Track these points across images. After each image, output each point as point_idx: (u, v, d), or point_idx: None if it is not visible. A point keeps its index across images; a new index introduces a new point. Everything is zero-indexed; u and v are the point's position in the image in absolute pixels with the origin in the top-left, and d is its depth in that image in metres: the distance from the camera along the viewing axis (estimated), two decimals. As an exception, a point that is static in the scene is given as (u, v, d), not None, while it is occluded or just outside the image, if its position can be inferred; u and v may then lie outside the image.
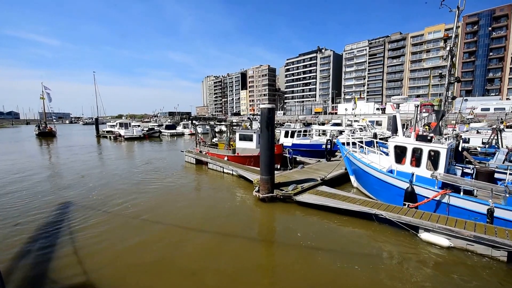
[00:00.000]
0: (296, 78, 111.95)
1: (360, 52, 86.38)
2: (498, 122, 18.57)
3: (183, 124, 56.29)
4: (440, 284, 5.70)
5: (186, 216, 9.92)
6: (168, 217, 9.68)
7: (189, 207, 11.00)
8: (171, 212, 10.32)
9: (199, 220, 9.44)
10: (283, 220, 9.56)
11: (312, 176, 12.78)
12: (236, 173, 15.28)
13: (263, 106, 10.61)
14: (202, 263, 6.68)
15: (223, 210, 10.54)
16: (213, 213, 10.24)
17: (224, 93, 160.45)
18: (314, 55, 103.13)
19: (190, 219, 9.56)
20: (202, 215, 10.02)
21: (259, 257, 7.28)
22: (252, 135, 17.27)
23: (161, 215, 9.85)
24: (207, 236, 8.30)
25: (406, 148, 9.66)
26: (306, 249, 7.33)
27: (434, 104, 47.44)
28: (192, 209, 10.71)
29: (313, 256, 6.95)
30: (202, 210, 10.62)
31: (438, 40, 66.87)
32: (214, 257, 6.98)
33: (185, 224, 9.19)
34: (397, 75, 77.24)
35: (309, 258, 6.87)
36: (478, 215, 7.44)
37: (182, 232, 8.58)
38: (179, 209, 10.62)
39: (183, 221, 9.36)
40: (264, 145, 10.71)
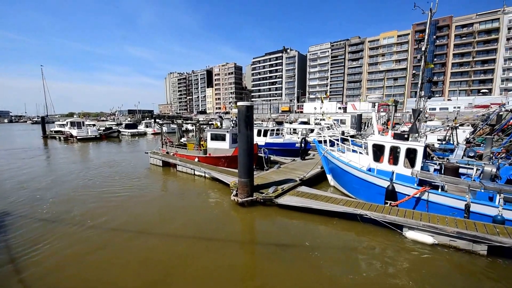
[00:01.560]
0: (263, 77, 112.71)
1: (323, 54, 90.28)
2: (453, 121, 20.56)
3: (145, 123, 52.26)
4: (427, 281, 5.68)
5: (157, 224, 8.74)
6: (137, 227, 8.42)
7: (160, 214, 9.76)
8: (140, 220, 9.01)
9: (172, 229, 8.38)
10: (265, 225, 8.91)
11: (290, 176, 12.37)
12: (209, 176, 14.18)
13: (241, 104, 9.78)
14: (177, 274, 5.97)
15: (198, 216, 9.52)
16: (187, 220, 9.20)
17: (189, 91, 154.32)
18: (280, 54, 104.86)
19: (162, 228, 8.46)
20: (175, 223, 8.92)
21: (241, 266, 6.60)
22: (225, 135, 16.29)
23: (129, 224, 8.56)
24: (182, 245, 7.36)
25: (384, 146, 9.73)
26: (291, 254, 6.88)
27: (389, 104, 51.58)
28: (164, 217, 9.50)
29: (299, 261, 6.52)
30: (175, 217, 9.48)
31: (391, 45, 73.22)
32: (190, 267, 6.23)
33: (156, 232, 8.13)
34: (356, 77, 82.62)
35: (295, 263, 6.43)
36: (455, 210, 7.68)
37: (153, 243, 7.49)
38: (149, 218, 9.34)
39: (154, 230, 8.26)
40: (243, 145, 9.90)
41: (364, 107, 52.34)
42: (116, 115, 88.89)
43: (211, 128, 19.55)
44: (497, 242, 6.19)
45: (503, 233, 6.35)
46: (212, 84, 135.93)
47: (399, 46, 72.59)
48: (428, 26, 9.55)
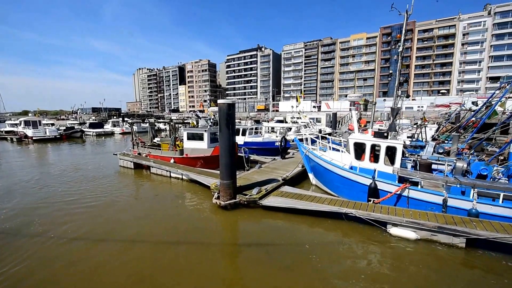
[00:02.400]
0: (238, 75, 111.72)
1: (297, 53, 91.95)
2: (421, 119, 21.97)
3: (113, 121, 48.68)
4: (412, 276, 5.83)
5: (133, 232, 7.94)
6: (110, 235, 7.60)
7: (136, 221, 8.93)
8: (114, 229, 8.18)
9: (149, 236, 7.71)
10: (250, 228, 8.49)
11: (272, 176, 12.11)
12: (187, 178, 13.39)
13: (222, 101, 9.24)
14: (156, 284, 5.49)
15: (178, 222, 8.86)
16: (166, 226, 8.51)
17: (160, 88, 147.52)
18: (254, 53, 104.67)
19: (138, 235, 7.72)
20: (152, 230, 8.20)
21: (226, 272, 6.25)
22: (202, 134, 15.53)
23: (101, 234, 7.70)
24: (160, 254, 6.69)
25: (365, 144, 9.87)
26: (279, 257, 6.60)
27: (361, 103, 54.13)
28: (140, 223, 8.69)
29: (287, 263, 6.28)
30: (152, 223, 8.72)
31: (361, 47, 76.96)
32: (170, 277, 5.76)
33: (132, 239, 7.39)
34: (329, 76, 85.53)
35: (284, 266, 6.19)
36: (433, 205, 7.99)
37: (128, 252, 6.79)
38: (123, 225, 8.50)
39: (130, 238, 7.51)
40: (225, 146, 9.39)
41: (337, 106, 54.31)
42: (78, 113, 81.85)
43: (187, 127, 18.61)
44: (474, 235, 6.49)
45: (480, 226, 6.68)
46: (185, 81, 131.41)
47: (368, 48, 76.55)
48: (404, 27, 9.85)
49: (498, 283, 5.60)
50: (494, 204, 7.27)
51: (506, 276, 5.78)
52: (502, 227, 6.58)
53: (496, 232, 6.40)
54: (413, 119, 25.04)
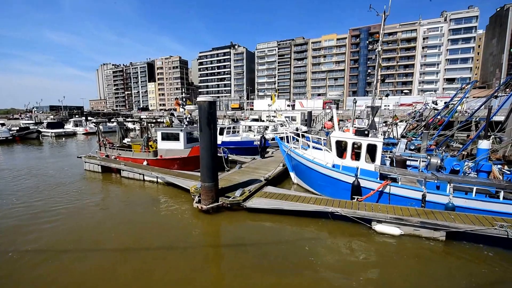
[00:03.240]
0: (211, 73, 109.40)
1: (270, 52, 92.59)
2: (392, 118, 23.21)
3: (74, 121, 44.51)
4: (399, 270, 6.00)
5: (107, 241, 7.18)
6: (81, 245, 6.71)
7: (109, 229, 8.05)
8: (84, 238, 7.35)
9: (124, 245, 6.99)
10: (234, 232, 8.06)
11: (254, 176, 11.76)
12: (163, 181, 12.48)
13: (202, 99, 8.63)
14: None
15: (156, 229, 8.12)
16: (143, 234, 7.76)
17: (127, 85, 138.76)
18: (227, 50, 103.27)
19: (113, 244, 7.03)
20: (128, 238, 7.43)
21: (213, 281, 5.80)
22: (178, 134, 14.65)
23: (71, 244, 6.68)
24: (138, 265, 6.06)
25: (347, 142, 9.96)
26: (267, 261, 6.31)
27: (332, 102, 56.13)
28: (114, 232, 7.85)
29: (276, 267, 6.06)
30: (127, 231, 7.91)
31: (332, 47, 79.89)
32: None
33: (107, 248, 6.66)
34: (301, 75, 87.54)
35: (272, 270, 5.96)
36: (413, 200, 8.27)
37: (102, 263, 6.11)
38: (95, 234, 7.67)
39: (104, 247, 6.78)
40: (206, 146, 8.80)
41: (310, 105, 55.72)
42: (33, 112, 73.61)
43: (160, 126, 17.45)
44: (454, 228, 6.78)
45: (458, 220, 7.01)
46: (155, 78, 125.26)
47: (338, 48, 79.69)
48: (382, 27, 10.10)
49: (477, 272, 5.90)
50: (468, 198, 7.72)
51: (483, 266, 6.11)
52: (477, 219, 6.97)
53: (473, 224, 6.75)
54: (382, 118, 26.53)
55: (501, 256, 6.40)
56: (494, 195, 7.80)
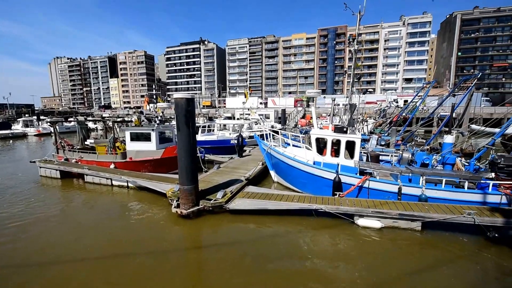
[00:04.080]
0: (179, 69, 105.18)
1: (241, 49, 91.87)
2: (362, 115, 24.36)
3: (24, 121, 39.43)
4: (382, 260, 6.31)
5: (76, 253, 6.32)
6: (43, 259, 5.72)
7: (77, 241, 7.10)
8: (47, 252, 6.32)
9: (98, 259, 6.26)
10: (219, 237, 7.64)
11: (234, 176, 11.42)
12: (134, 185, 11.50)
13: (179, 96, 8.03)
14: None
15: (132, 239, 7.39)
16: (119, 244, 7.04)
17: (85, 81, 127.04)
18: (197, 46, 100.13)
19: (82, 254, 6.28)
20: (103, 250, 6.68)
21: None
22: (149, 133, 13.65)
23: (32, 257, 5.66)
24: (117, 278, 5.51)
25: (326, 139, 10.10)
26: (254, 265, 6.12)
27: (303, 100, 57.67)
28: (83, 244, 6.91)
29: (264, 270, 5.89)
30: (100, 242, 7.09)
31: (302, 46, 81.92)
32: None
33: (74, 259, 5.71)
34: (273, 73, 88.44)
35: (261, 274, 5.78)
36: (390, 194, 8.66)
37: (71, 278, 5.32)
38: (60, 247, 6.72)
39: (72, 260, 5.80)
40: (185, 146, 8.22)
41: (282, 103, 56.48)
42: (-32, 110, 63.64)
43: (129, 125, 16.08)
44: (429, 218, 7.22)
45: (432, 210, 7.47)
46: (118, 74, 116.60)
47: (308, 47, 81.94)
48: (357, 27, 10.38)
49: (450, 257, 6.36)
50: (438, 189, 8.29)
51: (456, 251, 6.60)
52: (448, 209, 7.50)
53: (445, 213, 7.25)
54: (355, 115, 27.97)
55: (470, 240, 7.00)
56: (459, 185, 8.49)
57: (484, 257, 6.38)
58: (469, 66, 66.68)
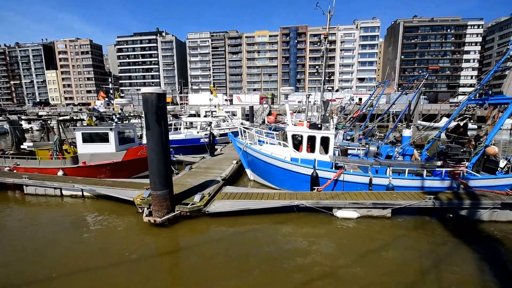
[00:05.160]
0: (134, 62, 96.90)
1: (203, 43, 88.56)
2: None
3: None
4: (360, 247, 6.72)
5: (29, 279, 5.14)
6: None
7: (26, 263, 5.75)
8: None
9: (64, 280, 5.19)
10: (198, 244, 7.12)
11: (209, 177, 10.86)
12: (92, 193, 10.10)
13: (149, 90, 7.20)
14: None
15: (96, 257, 6.38)
16: (83, 263, 5.96)
17: (13, 72, 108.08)
18: (153, 37, 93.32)
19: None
20: (64, 270, 5.55)
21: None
22: (107, 134, 12.19)
23: None
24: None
25: (302, 136, 10.24)
26: (241, 269, 5.92)
27: (268, 97, 58.47)
28: (33, 269, 5.64)
29: (253, 275, 5.73)
30: (60, 263, 5.88)
31: (265, 43, 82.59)
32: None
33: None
34: (237, 70, 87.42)
35: (249, 279, 5.61)
36: (362, 185, 9.18)
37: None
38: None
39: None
40: (157, 147, 7.44)
41: (248, 100, 56.37)
42: None
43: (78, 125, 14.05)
44: (397, 205, 7.83)
45: (399, 198, 8.13)
46: (56, 66, 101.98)
47: (271, 45, 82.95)
48: (327, 27, 10.65)
49: (417, 238, 7.10)
50: (402, 178, 9.06)
51: (421, 232, 7.37)
52: (412, 195, 8.25)
53: (410, 200, 7.95)
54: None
55: (431, 222, 7.85)
56: (419, 173, 9.40)
57: (440, 234, 7.25)
58: (410, 68, 75.67)
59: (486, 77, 9.96)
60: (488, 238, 7.03)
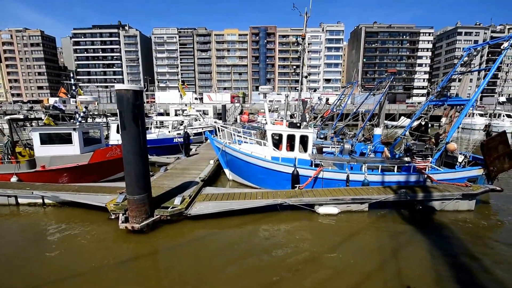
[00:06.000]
0: (93, 57, 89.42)
1: (170, 39, 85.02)
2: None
3: None
4: (341, 240, 7.03)
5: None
6: None
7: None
8: None
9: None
10: (181, 249, 6.78)
11: (186, 179, 10.46)
12: (55, 201, 9.07)
13: (123, 87, 6.66)
14: None
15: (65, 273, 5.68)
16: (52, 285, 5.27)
17: None
18: (115, 31, 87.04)
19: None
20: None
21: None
22: (70, 134, 11.08)
23: None
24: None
25: (282, 135, 10.38)
26: (227, 271, 5.80)
27: (240, 96, 58.21)
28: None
29: (239, 275, 5.67)
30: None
31: (235, 42, 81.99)
32: None
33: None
34: (206, 68, 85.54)
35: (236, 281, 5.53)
36: (339, 182, 9.60)
37: None
38: None
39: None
40: (133, 148, 6.92)
41: (219, 98, 55.47)
42: None
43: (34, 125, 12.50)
44: (374, 199, 8.35)
45: (375, 193, 8.66)
46: (0, 58, 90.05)
47: (240, 44, 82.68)
48: (304, 28, 10.93)
49: (393, 229, 7.61)
50: (375, 174, 9.67)
51: (396, 224, 7.94)
52: (386, 190, 8.85)
53: (385, 194, 8.52)
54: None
55: (404, 214, 8.50)
56: (390, 169, 10.13)
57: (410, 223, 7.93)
58: (371, 71, 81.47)
59: (444, 80, 11.10)
60: (452, 224, 7.89)
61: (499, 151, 8.76)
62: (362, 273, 5.63)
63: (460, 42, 77.03)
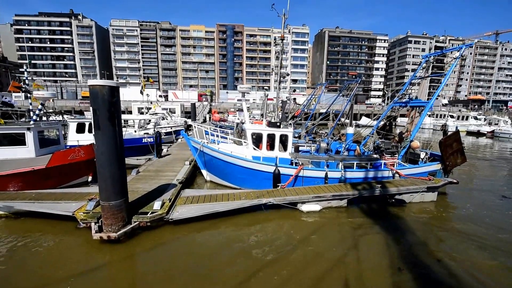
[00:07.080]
0: (40, 47, 79.31)
1: (130, 32, 79.24)
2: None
3: None
4: (324, 236, 7.37)
5: None
6: None
7: None
8: None
9: None
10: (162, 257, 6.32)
11: (162, 181, 9.90)
12: (7, 212, 7.82)
13: (98, 83, 6.03)
14: None
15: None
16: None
17: None
18: (66, 19, 78.24)
19: None
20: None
21: None
22: (23, 134, 9.73)
23: None
24: None
25: (262, 134, 10.40)
26: (214, 277, 5.62)
27: (207, 94, 56.86)
28: None
29: (227, 280, 5.53)
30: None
31: (201, 39, 79.71)
32: None
33: None
34: (171, 64, 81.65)
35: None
36: (318, 179, 9.98)
37: None
38: None
39: None
40: (109, 150, 6.30)
41: (185, 96, 53.51)
42: None
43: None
44: (352, 195, 8.86)
45: (353, 189, 9.18)
46: None
47: (207, 41, 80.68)
48: (282, 29, 11.10)
49: (370, 222, 8.14)
50: (351, 171, 10.26)
51: (373, 217, 8.48)
52: (363, 186, 9.44)
53: (363, 190, 9.09)
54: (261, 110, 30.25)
55: (380, 207, 9.17)
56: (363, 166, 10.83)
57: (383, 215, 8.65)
58: (334, 73, 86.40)
59: (406, 84, 12.28)
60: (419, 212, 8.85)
61: (454, 147, 10.00)
62: (344, 262, 6.07)
63: (410, 50, 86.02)
